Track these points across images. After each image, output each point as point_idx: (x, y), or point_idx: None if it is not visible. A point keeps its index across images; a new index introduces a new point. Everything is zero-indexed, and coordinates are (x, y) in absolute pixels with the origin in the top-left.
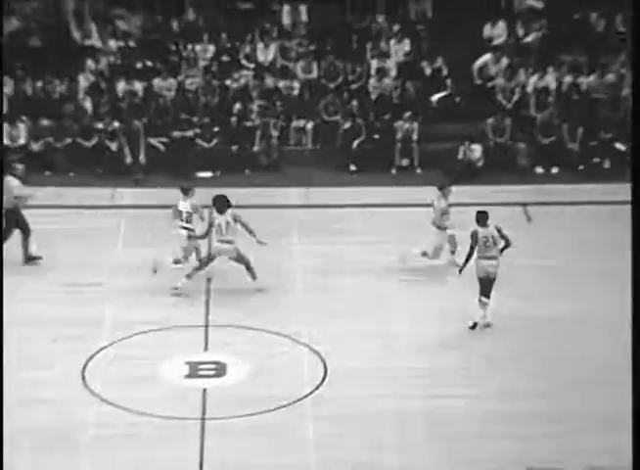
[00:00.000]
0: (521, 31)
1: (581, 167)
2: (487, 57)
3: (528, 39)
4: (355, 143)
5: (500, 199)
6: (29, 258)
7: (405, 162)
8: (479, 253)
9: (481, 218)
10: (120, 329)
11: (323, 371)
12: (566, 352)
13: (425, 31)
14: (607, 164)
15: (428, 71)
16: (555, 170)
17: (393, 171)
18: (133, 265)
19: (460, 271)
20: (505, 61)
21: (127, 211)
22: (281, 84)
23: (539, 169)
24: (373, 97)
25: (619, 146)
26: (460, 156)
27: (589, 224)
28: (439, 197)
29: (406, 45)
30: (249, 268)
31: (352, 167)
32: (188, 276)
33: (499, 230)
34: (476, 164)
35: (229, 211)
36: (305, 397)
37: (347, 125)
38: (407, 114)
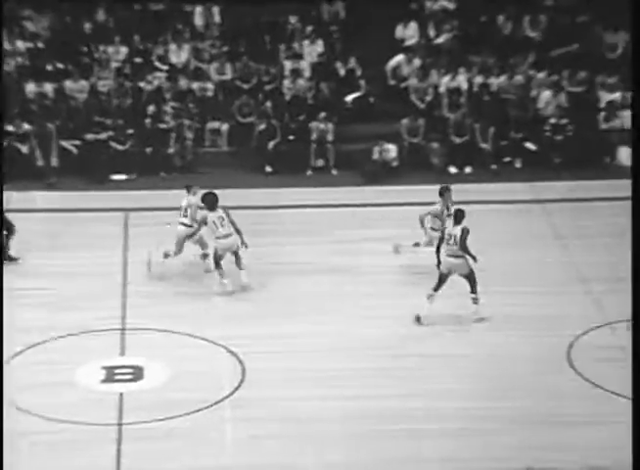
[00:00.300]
0: (432, 32)
1: (493, 167)
2: (400, 58)
3: (440, 40)
4: (271, 144)
5: (414, 198)
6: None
7: (320, 162)
8: (445, 249)
9: (457, 217)
10: (35, 334)
11: (241, 373)
12: (491, 350)
13: (338, 32)
14: (518, 164)
15: (341, 72)
16: (468, 170)
17: (309, 172)
18: (46, 270)
19: (438, 266)
20: (417, 61)
21: (40, 215)
22: (195, 86)
23: (453, 169)
24: (287, 98)
25: (530, 145)
26: (375, 156)
27: (502, 223)
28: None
29: (320, 46)
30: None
31: (268, 169)
32: (222, 281)
33: (463, 232)
34: (391, 164)
35: (219, 207)
36: (223, 399)
37: (262, 127)
38: (322, 114)
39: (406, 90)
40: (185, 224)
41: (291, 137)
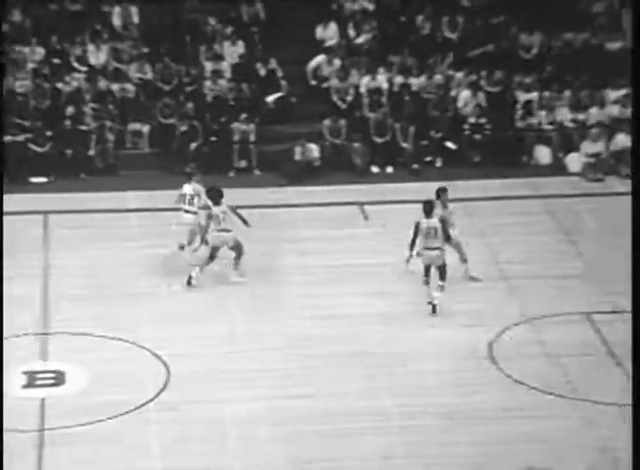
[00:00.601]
0: (352, 33)
1: (415, 166)
2: (321, 58)
3: (360, 41)
4: (192, 146)
5: (337, 198)
6: None
7: (243, 163)
8: (423, 243)
9: (427, 209)
10: None
11: (166, 375)
12: (412, 347)
13: (258, 33)
14: (438, 163)
15: (262, 73)
16: (389, 169)
17: (231, 174)
18: None
19: (407, 260)
20: (338, 62)
21: None
22: (114, 87)
23: (375, 169)
24: (209, 99)
25: (450, 145)
26: (297, 156)
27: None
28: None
29: (240, 47)
30: (238, 258)
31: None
32: (200, 270)
33: (443, 223)
34: (313, 165)
35: (224, 201)
36: (148, 402)
37: (184, 128)
38: (243, 115)
39: (327, 90)
40: (191, 212)
41: (213, 138)
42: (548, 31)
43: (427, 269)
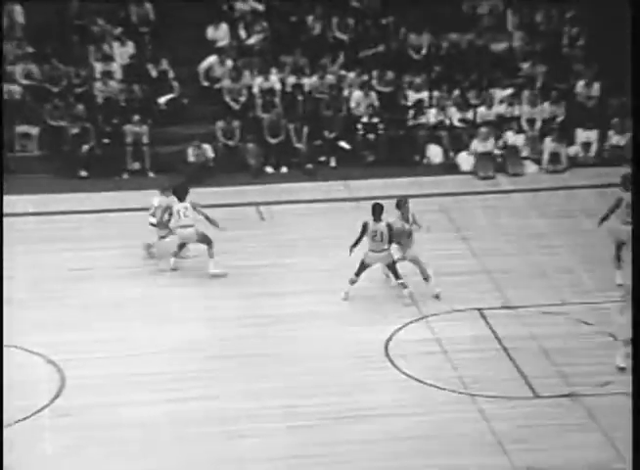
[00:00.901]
0: (243, 33)
1: (309, 166)
2: (212, 59)
3: (251, 41)
4: (84, 148)
5: (232, 199)
6: None
7: (136, 165)
8: (369, 245)
9: (376, 211)
10: None
11: (60, 381)
12: (311, 348)
13: (148, 34)
14: (332, 163)
15: (154, 74)
16: (284, 170)
17: (125, 176)
18: None
19: (350, 253)
20: (230, 63)
21: None
22: None
23: (269, 169)
24: (99, 101)
25: (343, 144)
26: (191, 158)
27: (319, 221)
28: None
29: (130, 48)
30: (210, 248)
31: (82, 173)
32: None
33: (390, 228)
34: (207, 166)
35: (188, 198)
36: (43, 408)
37: (75, 130)
38: (136, 117)
39: (220, 91)
40: (152, 224)
41: (105, 140)
42: (436, 32)
43: (361, 269)
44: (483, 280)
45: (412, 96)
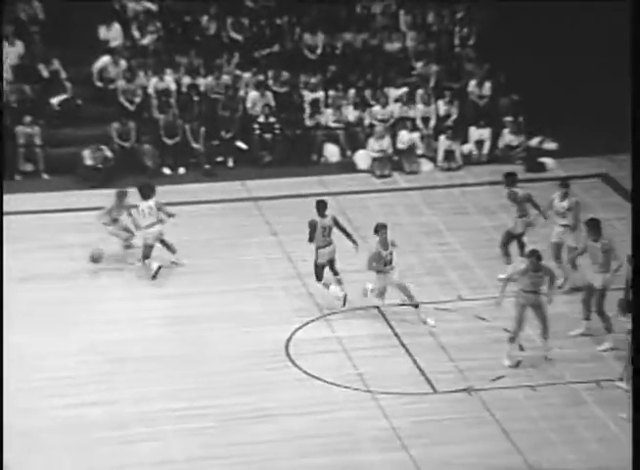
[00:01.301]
0: (137, 33)
1: (207, 167)
2: (106, 59)
3: (145, 41)
4: None
5: (132, 201)
6: None
7: (29, 167)
8: (317, 242)
9: (320, 208)
10: None
11: None
12: (211, 349)
13: (38, 34)
14: (230, 163)
15: (45, 74)
16: (182, 170)
17: (18, 178)
18: None
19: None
20: (124, 63)
21: None
22: None
23: (166, 170)
24: None
25: (240, 144)
26: (88, 160)
27: (218, 222)
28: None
29: (20, 47)
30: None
31: None
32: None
33: (336, 221)
34: (104, 167)
35: (154, 198)
36: None
37: None
38: (27, 118)
39: (114, 92)
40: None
41: None
42: (330, 32)
43: (320, 271)
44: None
45: (308, 96)
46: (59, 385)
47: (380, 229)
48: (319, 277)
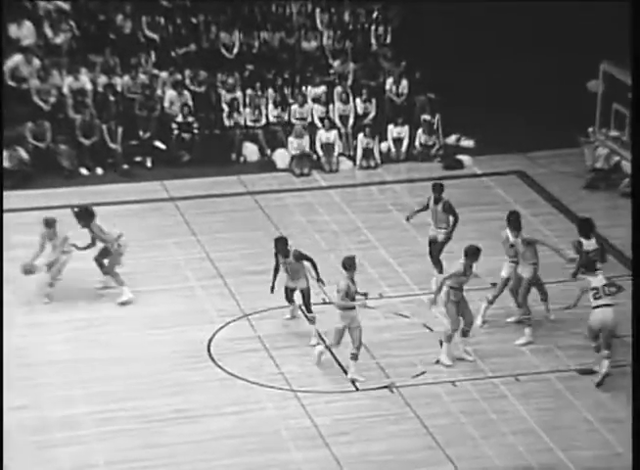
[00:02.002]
0: (49, 32)
1: (125, 167)
2: (18, 58)
3: (58, 40)
4: None
5: (48, 202)
6: None
7: None
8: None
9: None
10: None
11: None
12: (132, 351)
13: None
14: (149, 163)
15: None
16: (99, 171)
17: None
18: None
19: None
20: (37, 62)
21: None
22: None
23: (84, 171)
24: None
25: (159, 144)
26: (5, 162)
27: (138, 222)
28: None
29: None
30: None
31: None
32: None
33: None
34: (22, 169)
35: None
36: None
37: None
38: None
39: (28, 92)
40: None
41: None
42: (247, 31)
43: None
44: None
45: (226, 95)
46: None
47: (347, 262)
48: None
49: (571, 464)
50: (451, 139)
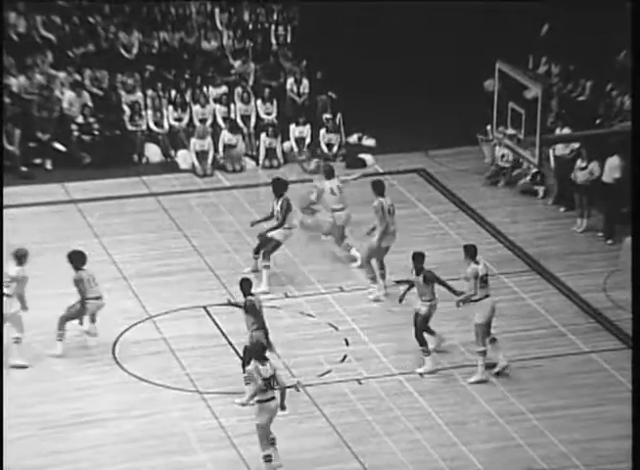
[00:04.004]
0: None
1: (24, 169)
2: None
3: None
4: None
5: None
6: None
7: None
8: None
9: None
10: None
11: None
12: (29, 355)
13: None
14: (49, 165)
15: None
16: None
17: None
18: None
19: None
20: None
21: None
22: None
23: None
24: None
25: (58, 146)
26: None
27: (38, 225)
28: None
29: None
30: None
31: None
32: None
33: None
34: None
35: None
36: None
37: None
38: None
39: None
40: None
41: None
42: (145, 31)
43: None
44: (207, 277)
45: (126, 96)
46: None
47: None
48: None
49: (473, 457)
50: (353, 138)
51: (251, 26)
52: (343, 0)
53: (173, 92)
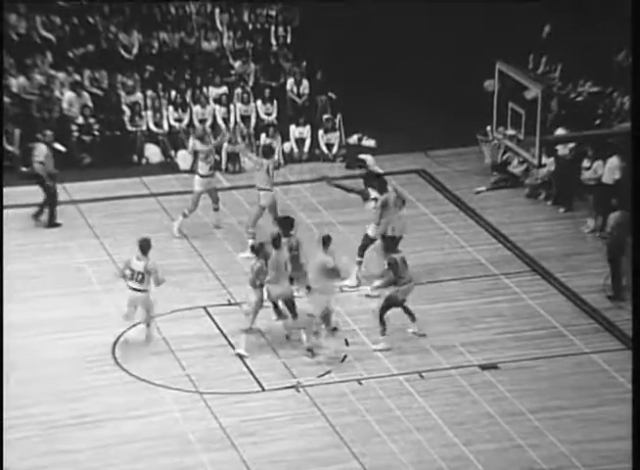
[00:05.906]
0: None
1: (24, 169)
2: None
3: None
4: None
5: None
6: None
7: None
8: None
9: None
10: None
11: None
12: (22, 357)
13: None
14: None
15: None
16: None
17: None
18: None
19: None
20: None
21: None
22: None
23: None
24: None
25: (59, 146)
26: None
27: (31, 225)
28: None
29: None
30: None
31: None
32: None
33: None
34: None
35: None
36: None
37: None
38: None
39: None
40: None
41: None
42: (146, 31)
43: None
44: (208, 278)
45: (126, 98)
46: None
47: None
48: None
49: (473, 457)
50: (353, 139)
51: (251, 27)
52: (343, 1)
53: (173, 93)
